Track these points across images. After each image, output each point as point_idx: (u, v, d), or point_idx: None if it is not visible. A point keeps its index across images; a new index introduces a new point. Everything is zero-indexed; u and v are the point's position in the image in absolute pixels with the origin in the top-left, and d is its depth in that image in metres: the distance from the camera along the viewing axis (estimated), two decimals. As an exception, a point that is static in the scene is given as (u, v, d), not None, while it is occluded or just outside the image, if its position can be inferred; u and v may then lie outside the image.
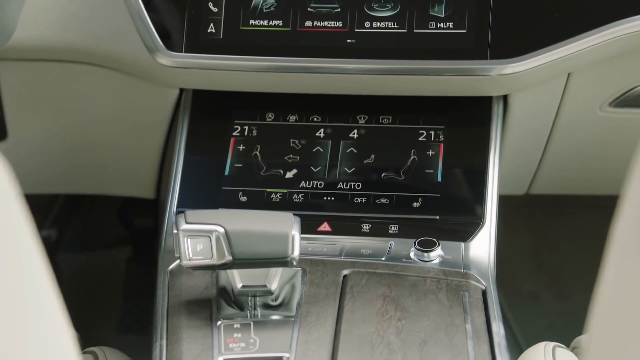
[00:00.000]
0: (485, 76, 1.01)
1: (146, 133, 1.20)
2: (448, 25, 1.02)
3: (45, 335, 0.52)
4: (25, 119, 1.22)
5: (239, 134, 1.10)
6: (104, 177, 1.32)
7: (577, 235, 1.61)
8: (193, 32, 1.05)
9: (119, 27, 1.06)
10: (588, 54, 1.01)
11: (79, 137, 1.24)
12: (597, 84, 1.08)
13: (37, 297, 0.53)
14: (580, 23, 1.00)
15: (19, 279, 0.52)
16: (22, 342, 0.51)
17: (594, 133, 1.16)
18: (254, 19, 1.05)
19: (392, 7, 1.03)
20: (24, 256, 0.52)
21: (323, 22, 1.04)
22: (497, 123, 1.07)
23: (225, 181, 1.07)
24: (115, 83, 1.14)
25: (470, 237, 1.00)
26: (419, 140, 1.07)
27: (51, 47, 1.09)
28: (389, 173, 1.06)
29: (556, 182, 1.26)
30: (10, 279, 0.51)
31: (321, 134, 1.09)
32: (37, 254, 0.53)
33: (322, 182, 1.06)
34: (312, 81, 1.07)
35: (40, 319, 0.52)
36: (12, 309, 0.51)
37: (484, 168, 1.05)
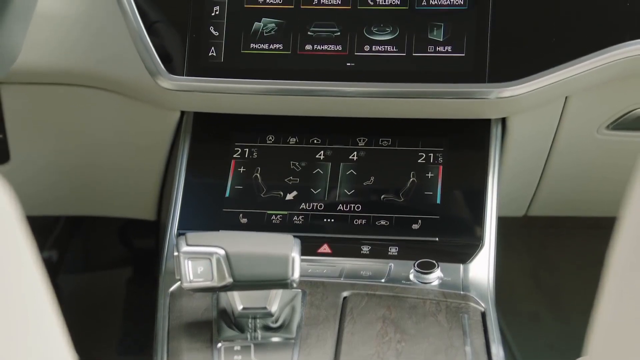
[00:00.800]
0: (483, 99, 1.02)
1: (147, 155, 1.21)
2: (447, 48, 1.03)
3: (46, 356, 0.53)
4: (27, 142, 1.23)
5: (239, 156, 1.11)
6: (105, 199, 1.32)
7: (576, 256, 1.61)
8: (194, 56, 1.06)
9: (121, 50, 1.07)
10: (585, 78, 1.02)
11: (80, 159, 1.25)
12: (595, 107, 1.09)
13: (38, 317, 0.53)
14: (577, 47, 1.01)
15: (21, 299, 0.52)
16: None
17: (592, 155, 1.17)
18: (254, 42, 1.06)
19: (391, 31, 1.04)
20: (25, 277, 0.53)
21: (323, 46, 1.05)
22: (495, 145, 1.08)
23: (226, 203, 1.08)
24: (117, 106, 1.15)
25: (470, 259, 1.01)
26: (418, 163, 1.08)
27: (54, 71, 1.10)
28: (389, 195, 1.07)
29: (555, 204, 1.27)
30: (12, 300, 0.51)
31: (321, 156, 1.10)
32: (38, 275, 0.53)
33: (322, 204, 1.07)
34: (312, 104, 1.08)
35: (41, 339, 0.53)
36: (14, 329, 0.51)
37: (483, 190, 1.06)
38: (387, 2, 1.05)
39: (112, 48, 1.08)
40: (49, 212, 1.37)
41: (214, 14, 1.06)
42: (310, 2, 1.06)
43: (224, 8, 1.07)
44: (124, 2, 1.06)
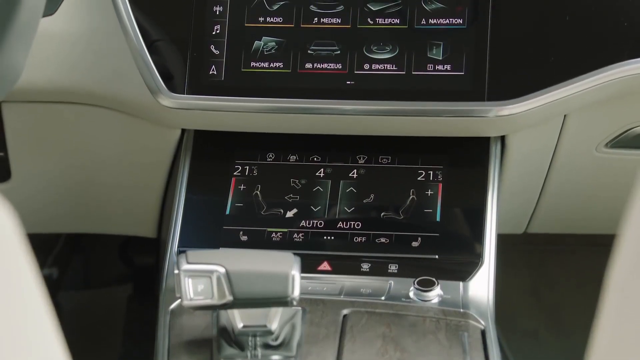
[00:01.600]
0: (482, 117, 1.03)
1: (148, 173, 1.21)
2: (446, 67, 1.04)
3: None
4: (28, 159, 1.23)
5: (239, 173, 1.11)
6: (106, 217, 1.32)
7: (576, 273, 1.61)
8: (195, 74, 1.07)
9: (122, 69, 1.08)
10: (584, 96, 1.02)
11: (81, 176, 1.25)
12: (593, 126, 1.10)
13: (38, 334, 0.53)
14: (575, 66, 1.01)
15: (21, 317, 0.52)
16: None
17: (591, 173, 1.17)
18: (255, 61, 1.07)
19: (390, 50, 1.05)
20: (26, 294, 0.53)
21: (323, 64, 1.06)
22: (495, 163, 1.09)
23: (226, 220, 1.08)
24: (118, 124, 1.16)
25: (469, 277, 1.01)
26: (418, 180, 1.08)
27: (55, 89, 1.11)
28: (389, 212, 1.07)
29: (554, 221, 1.27)
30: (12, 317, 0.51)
31: (321, 174, 1.10)
32: (38, 293, 0.54)
33: (322, 222, 1.07)
34: (312, 122, 1.08)
35: (41, 356, 0.53)
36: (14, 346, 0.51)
37: (482, 207, 1.06)
38: (386, 21, 1.05)
39: (114, 66, 1.09)
40: (49, 229, 1.37)
41: (215, 32, 1.07)
42: (311, 21, 1.06)
43: (224, 27, 1.07)
44: (125, 20, 1.07)
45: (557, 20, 1.02)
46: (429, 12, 1.05)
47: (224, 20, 1.07)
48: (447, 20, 1.04)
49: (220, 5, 1.07)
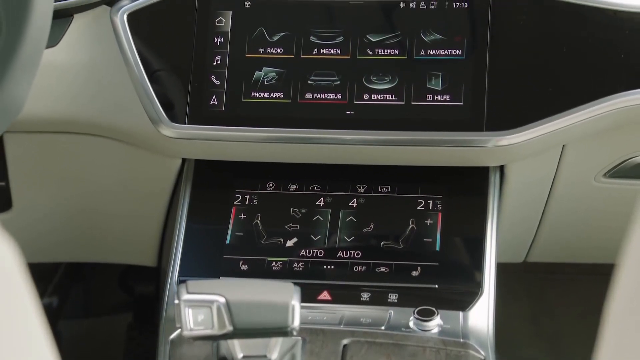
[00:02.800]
0: (481, 147, 1.03)
1: (148, 202, 1.22)
2: (445, 97, 1.04)
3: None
4: (29, 189, 1.24)
5: (240, 202, 1.11)
6: (106, 246, 1.33)
7: (576, 302, 1.61)
8: (196, 104, 1.07)
9: (124, 99, 1.09)
10: (582, 127, 1.03)
11: (81, 206, 1.25)
12: (592, 156, 1.10)
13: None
14: (574, 97, 1.02)
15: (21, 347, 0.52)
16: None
17: (589, 203, 1.18)
18: (255, 91, 1.07)
19: (390, 80, 1.06)
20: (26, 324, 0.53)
21: (323, 94, 1.06)
22: (494, 192, 1.09)
23: (226, 250, 1.08)
24: (119, 153, 1.16)
25: (469, 307, 1.01)
26: (418, 210, 1.09)
27: (57, 120, 1.12)
28: (388, 242, 1.07)
29: (554, 251, 1.27)
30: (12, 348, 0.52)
31: (321, 203, 1.11)
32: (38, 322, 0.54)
33: (322, 251, 1.07)
34: (312, 151, 1.09)
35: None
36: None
37: (482, 237, 1.06)
38: (385, 52, 1.06)
39: (115, 97, 1.09)
40: (49, 258, 1.37)
41: (216, 63, 1.08)
42: (310, 52, 1.07)
43: (225, 57, 1.08)
44: (127, 51, 1.08)
45: (555, 52, 1.03)
46: (428, 43, 1.06)
47: (225, 51, 1.08)
48: (445, 51, 1.05)
49: (221, 36, 1.08)
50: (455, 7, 1.05)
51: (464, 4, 1.05)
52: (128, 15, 1.08)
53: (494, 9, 1.04)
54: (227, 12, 1.09)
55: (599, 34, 1.03)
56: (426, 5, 1.06)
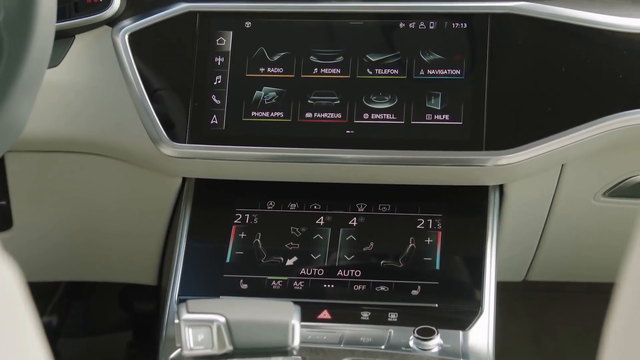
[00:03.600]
0: (481, 167, 1.04)
1: (149, 220, 1.22)
2: (444, 117, 1.05)
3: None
4: (30, 208, 1.24)
5: (240, 221, 1.12)
6: (106, 264, 1.33)
7: (577, 320, 1.60)
8: (196, 124, 1.08)
9: (124, 119, 1.09)
10: (581, 146, 1.03)
11: (82, 225, 1.25)
12: (591, 175, 1.11)
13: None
14: (572, 117, 1.02)
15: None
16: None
17: (589, 222, 1.18)
18: (255, 110, 1.08)
19: (389, 100, 1.06)
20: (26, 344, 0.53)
21: (323, 114, 1.07)
22: (493, 212, 1.09)
23: (226, 268, 1.09)
24: (119, 172, 1.16)
25: (469, 326, 1.01)
26: (417, 228, 1.09)
27: (58, 139, 1.12)
28: (388, 260, 1.07)
29: (554, 269, 1.27)
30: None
31: (321, 222, 1.11)
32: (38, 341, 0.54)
33: (322, 270, 1.07)
34: (312, 170, 1.09)
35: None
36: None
37: (481, 256, 1.06)
38: (385, 72, 1.07)
39: (116, 116, 1.10)
40: (49, 277, 1.38)
41: (216, 82, 1.09)
42: (311, 72, 1.08)
43: (226, 77, 1.09)
44: (128, 71, 1.08)
45: (553, 71, 1.04)
46: (427, 63, 1.06)
47: (225, 70, 1.09)
48: (445, 71, 1.06)
49: (222, 56, 1.09)
50: (454, 28, 1.06)
51: (463, 24, 1.06)
52: (129, 35, 1.09)
53: (492, 29, 1.05)
54: (228, 32, 1.09)
55: (598, 54, 1.03)
56: (425, 25, 1.07)
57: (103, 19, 1.10)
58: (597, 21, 1.03)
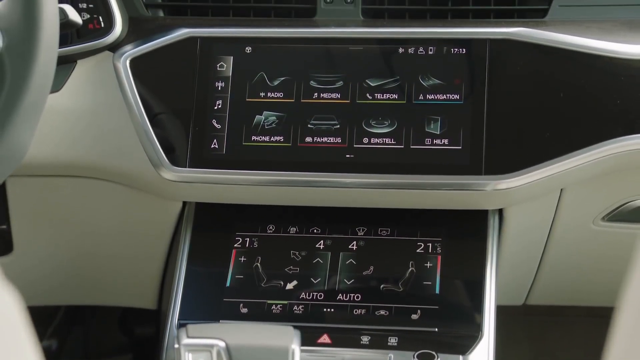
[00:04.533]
0: (480, 191, 1.04)
1: (149, 244, 1.22)
2: (443, 141, 1.05)
3: None
4: (31, 232, 1.24)
5: (240, 245, 1.12)
6: (106, 288, 1.33)
7: (577, 344, 1.60)
8: (197, 148, 1.08)
9: (125, 143, 1.10)
10: (579, 171, 1.04)
11: (82, 248, 1.26)
12: (590, 200, 1.11)
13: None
14: (571, 142, 1.03)
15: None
16: None
17: (589, 246, 1.18)
18: (255, 135, 1.08)
19: (389, 124, 1.07)
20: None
21: (323, 138, 1.07)
22: (493, 236, 1.09)
23: (226, 292, 1.09)
24: (120, 196, 1.17)
25: (469, 350, 1.01)
26: (417, 252, 1.09)
27: (59, 164, 1.12)
28: (388, 285, 1.07)
29: (553, 294, 1.27)
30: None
31: (321, 246, 1.11)
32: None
33: (322, 294, 1.08)
34: (312, 194, 1.09)
35: None
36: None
37: (481, 280, 1.06)
38: (385, 97, 1.07)
39: (117, 140, 1.10)
40: (49, 301, 1.37)
41: (217, 107, 1.09)
42: (311, 96, 1.09)
43: (226, 102, 1.09)
44: (129, 96, 1.09)
45: (552, 96, 1.04)
46: (427, 88, 1.07)
47: (226, 95, 1.09)
48: (444, 95, 1.06)
49: (222, 81, 1.10)
50: (453, 53, 1.07)
51: (462, 49, 1.07)
52: (131, 60, 1.10)
53: (491, 55, 1.05)
54: (228, 57, 1.10)
55: (595, 80, 1.04)
56: (424, 50, 1.07)
57: (105, 44, 1.10)
58: (595, 47, 1.04)
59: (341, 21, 1.12)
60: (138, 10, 1.14)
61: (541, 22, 1.09)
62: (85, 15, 1.10)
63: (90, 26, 1.10)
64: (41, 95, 0.83)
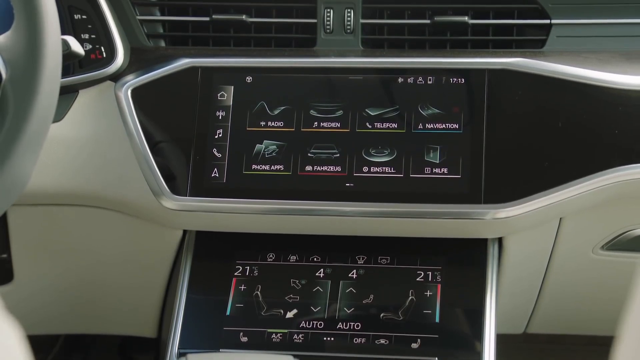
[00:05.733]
0: (479, 220, 1.04)
1: (149, 273, 1.22)
2: (443, 170, 1.06)
3: None
4: (31, 261, 1.24)
5: (240, 274, 1.12)
6: (106, 317, 1.32)
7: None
8: (197, 177, 1.09)
9: (126, 172, 1.10)
10: (578, 200, 1.04)
11: (82, 277, 1.26)
12: (589, 229, 1.11)
13: None
14: (570, 171, 1.03)
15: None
16: None
17: (588, 275, 1.18)
18: (256, 163, 1.09)
19: (388, 153, 1.07)
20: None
21: (323, 167, 1.08)
22: (492, 264, 1.10)
23: (226, 321, 1.09)
24: (121, 225, 1.17)
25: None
26: (417, 281, 1.09)
27: (60, 193, 1.13)
28: (388, 313, 1.07)
29: (554, 322, 1.27)
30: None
31: (321, 274, 1.11)
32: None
33: (322, 322, 1.08)
34: (312, 223, 1.10)
35: None
36: None
37: (481, 309, 1.06)
38: (384, 126, 1.08)
39: (118, 170, 1.11)
40: (49, 330, 1.37)
41: (217, 136, 1.10)
42: (311, 125, 1.09)
43: (227, 131, 1.10)
44: (130, 125, 1.09)
45: (550, 126, 1.05)
46: (426, 117, 1.07)
47: (226, 124, 1.10)
48: (443, 124, 1.07)
49: (223, 110, 1.10)
50: (452, 83, 1.08)
51: (461, 79, 1.07)
52: (132, 90, 1.10)
53: (490, 84, 1.06)
54: (229, 87, 1.11)
55: (593, 110, 1.05)
56: (424, 80, 1.08)
57: (107, 74, 1.11)
58: (593, 78, 1.05)
59: (341, 51, 1.13)
60: (140, 40, 1.15)
61: (539, 53, 1.10)
62: (88, 46, 1.11)
63: (92, 56, 1.11)
64: (43, 125, 0.84)
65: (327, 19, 1.13)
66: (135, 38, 1.14)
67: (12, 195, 0.83)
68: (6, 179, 0.81)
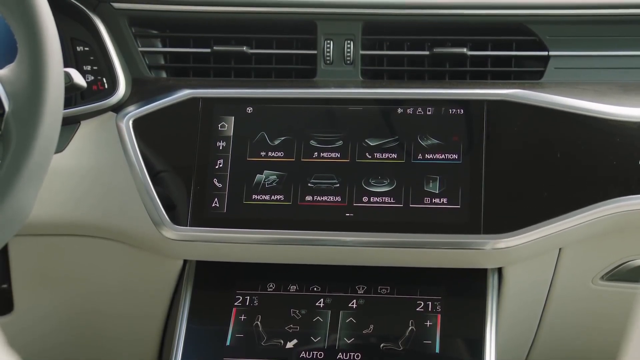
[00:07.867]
0: (479, 250, 1.05)
1: (149, 302, 1.22)
2: (442, 200, 1.06)
3: None
4: (31, 291, 1.24)
5: (240, 304, 1.12)
6: (106, 346, 1.32)
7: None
8: (198, 207, 1.09)
9: (127, 202, 1.10)
10: (577, 231, 1.04)
11: (82, 307, 1.26)
12: (588, 259, 1.12)
13: None
14: (569, 202, 1.04)
15: None
16: None
17: (588, 305, 1.18)
18: (256, 194, 1.09)
19: (388, 183, 1.08)
20: None
21: (323, 197, 1.08)
22: (492, 294, 1.10)
23: (226, 351, 1.08)
24: (121, 255, 1.17)
25: (470, 411, 1.01)
26: (417, 311, 1.09)
27: (62, 223, 1.13)
28: (388, 343, 1.07)
29: (554, 352, 1.27)
30: None
31: (321, 304, 1.11)
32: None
33: (322, 352, 1.07)
34: (312, 253, 1.10)
35: None
36: None
37: (481, 339, 1.06)
38: (384, 156, 1.09)
39: (119, 200, 1.11)
40: None
41: (218, 166, 1.10)
42: (311, 156, 1.10)
43: (227, 161, 1.10)
44: (131, 156, 1.10)
45: (549, 157, 1.05)
46: (425, 148, 1.08)
47: (227, 154, 1.11)
48: (442, 155, 1.08)
49: (224, 141, 1.11)
50: (451, 113, 1.08)
51: (460, 110, 1.08)
52: (133, 121, 1.11)
53: (488, 115, 1.07)
54: (230, 118, 1.12)
55: (591, 141, 1.05)
56: (423, 111, 1.09)
57: (108, 105, 1.12)
58: (590, 109, 1.05)
59: (341, 82, 1.13)
60: (141, 71, 1.16)
61: (537, 84, 1.11)
62: (90, 77, 1.12)
63: (94, 87, 1.12)
64: (46, 157, 0.84)
65: (327, 50, 1.14)
66: (136, 69, 1.15)
67: (14, 227, 0.83)
68: (8, 211, 0.81)
